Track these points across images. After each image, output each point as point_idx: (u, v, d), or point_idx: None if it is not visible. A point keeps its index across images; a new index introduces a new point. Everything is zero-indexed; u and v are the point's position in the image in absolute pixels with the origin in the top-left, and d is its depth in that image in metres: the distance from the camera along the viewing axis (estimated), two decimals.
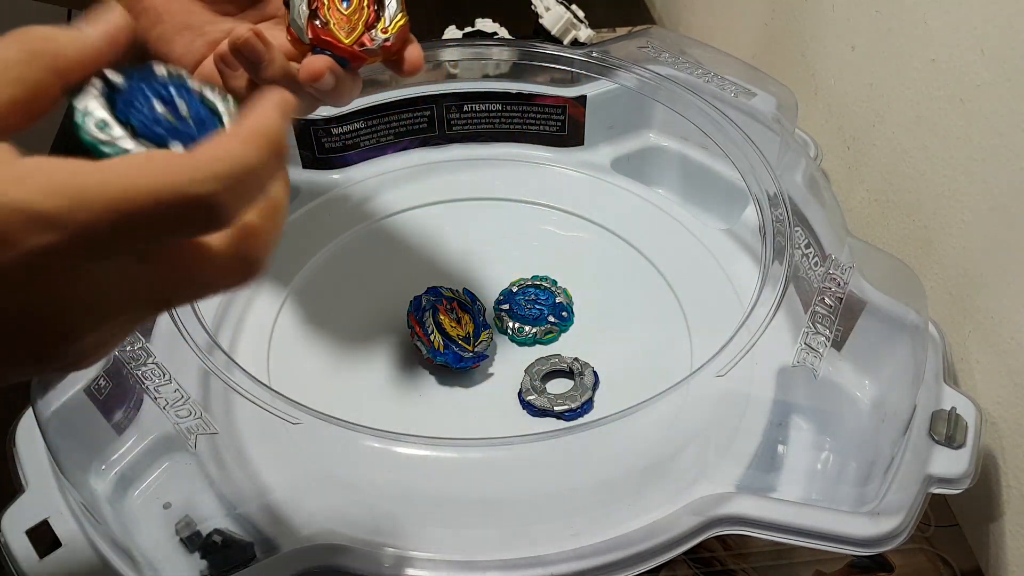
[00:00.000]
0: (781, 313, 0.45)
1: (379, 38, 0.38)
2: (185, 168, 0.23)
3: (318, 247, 0.61)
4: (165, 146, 0.26)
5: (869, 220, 0.61)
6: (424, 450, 0.41)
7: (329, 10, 0.38)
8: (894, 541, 0.42)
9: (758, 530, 0.42)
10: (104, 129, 0.25)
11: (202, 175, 0.23)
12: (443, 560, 0.41)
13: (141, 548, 0.40)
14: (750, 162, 0.54)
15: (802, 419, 0.47)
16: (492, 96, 0.67)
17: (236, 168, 0.23)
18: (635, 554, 0.41)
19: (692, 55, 0.63)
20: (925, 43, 0.53)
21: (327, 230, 0.62)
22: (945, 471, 0.44)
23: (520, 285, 0.58)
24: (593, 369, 0.52)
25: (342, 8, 0.38)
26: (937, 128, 0.52)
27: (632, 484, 0.43)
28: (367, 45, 0.38)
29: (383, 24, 0.39)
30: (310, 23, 0.38)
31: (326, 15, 0.38)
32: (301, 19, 0.38)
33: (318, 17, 0.39)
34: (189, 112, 0.27)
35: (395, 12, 0.39)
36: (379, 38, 0.38)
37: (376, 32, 0.38)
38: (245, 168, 0.24)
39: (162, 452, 0.43)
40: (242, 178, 0.24)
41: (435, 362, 0.52)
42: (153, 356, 0.43)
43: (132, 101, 0.26)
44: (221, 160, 0.23)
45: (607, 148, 0.68)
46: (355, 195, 0.65)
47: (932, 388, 0.47)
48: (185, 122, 0.27)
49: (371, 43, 0.38)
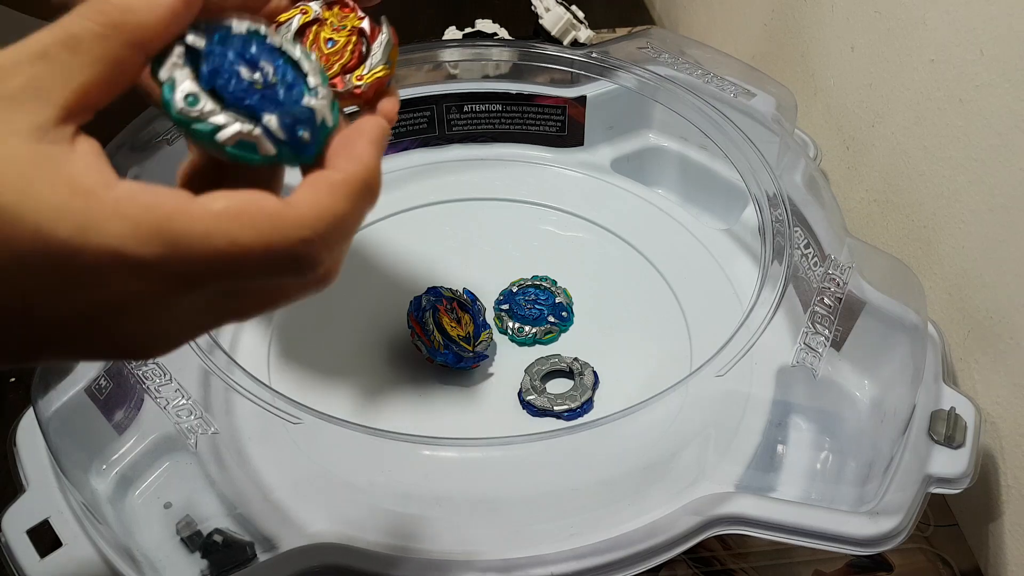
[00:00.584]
0: (781, 313, 0.45)
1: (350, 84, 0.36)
2: (282, 226, 0.23)
3: None
4: (257, 117, 0.25)
5: (869, 220, 0.61)
6: (424, 450, 0.41)
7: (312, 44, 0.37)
8: (893, 541, 0.42)
9: (758, 530, 0.42)
10: (194, 104, 0.25)
11: (298, 234, 0.23)
12: (443, 560, 0.41)
13: (141, 548, 0.40)
14: (750, 162, 0.54)
15: (802, 419, 0.47)
16: (492, 96, 0.67)
17: (331, 222, 0.24)
18: (635, 554, 0.41)
19: (692, 55, 0.63)
20: (925, 43, 0.53)
21: None
22: (944, 471, 0.44)
23: (520, 285, 0.58)
24: (593, 369, 0.52)
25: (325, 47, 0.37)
26: (937, 128, 0.52)
27: (632, 484, 0.43)
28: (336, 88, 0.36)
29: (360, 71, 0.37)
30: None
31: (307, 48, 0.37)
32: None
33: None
34: (276, 75, 0.26)
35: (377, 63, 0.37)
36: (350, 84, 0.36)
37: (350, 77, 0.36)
38: (339, 221, 0.24)
39: (162, 452, 0.43)
40: (336, 229, 0.24)
41: (435, 362, 0.52)
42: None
43: (218, 68, 0.26)
44: (318, 216, 0.23)
45: (607, 148, 0.68)
46: None
47: (931, 388, 0.47)
48: (273, 89, 0.26)
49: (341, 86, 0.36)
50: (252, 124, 0.25)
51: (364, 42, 0.37)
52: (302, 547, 0.40)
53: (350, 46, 0.37)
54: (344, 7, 0.38)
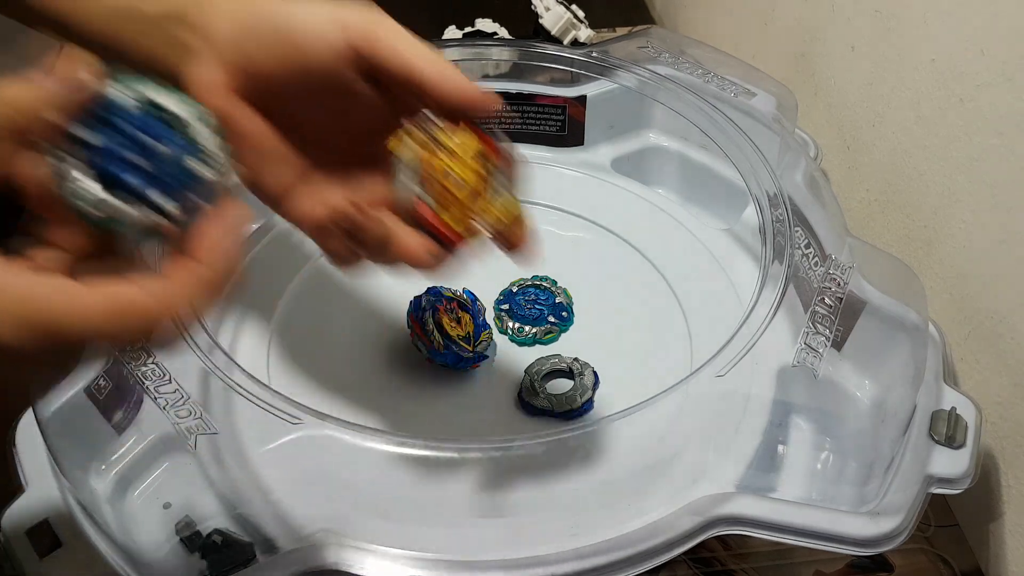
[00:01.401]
0: (781, 313, 0.45)
1: (487, 225, 0.34)
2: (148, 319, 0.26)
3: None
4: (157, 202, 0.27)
5: (869, 220, 0.61)
6: (424, 450, 0.41)
7: (441, 188, 0.34)
8: (894, 541, 0.42)
9: (758, 530, 0.42)
10: (101, 206, 0.26)
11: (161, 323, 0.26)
12: (443, 560, 0.41)
13: (141, 548, 0.40)
14: (750, 162, 0.54)
15: (802, 419, 0.47)
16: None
17: (184, 304, 0.27)
18: (635, 554, 0.41)
19: (692, 55, 0.63)
20: (925, 43, 0.53)
21: None
22: (945, 471, 0.44)
23: (520, 285, 0.58)
24: (593, 369, 0.52)
25: (454, 188, 0.34)
26: (937, 128, 0.52)
27: (632, 484, 0.43)
28: (475, 232, 0.34)
29: (497, 213, 0.34)
30: (418, 200, 0.35)
31: (435, 192, 0.34)
32: (408, 193, 0.35)
33: (426, 191, 0.34)
34: (166, 147, 0.27)
35: (510, 197, 0.35)
36: (487, 225, 0.34)
37: (486, 216, 0.34)
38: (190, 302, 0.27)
39: (162, 452, 0.43)
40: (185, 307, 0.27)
41: (435, 362, 0.52)
42: (153, 356, 0.43)
43: (112, 159, 0.26)
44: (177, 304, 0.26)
45: (607, 148, 0.68)
46: None
47: (932, 388, 0.47)
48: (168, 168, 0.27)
49: (480, 230, 0.34)
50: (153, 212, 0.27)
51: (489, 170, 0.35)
52: (302, 547, 0.40)
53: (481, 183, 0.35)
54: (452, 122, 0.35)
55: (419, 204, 0.35)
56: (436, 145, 0.35)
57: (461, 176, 0.34)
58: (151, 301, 0.26)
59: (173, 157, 0.27)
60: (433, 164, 0.34)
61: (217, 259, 0.27)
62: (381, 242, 0.35)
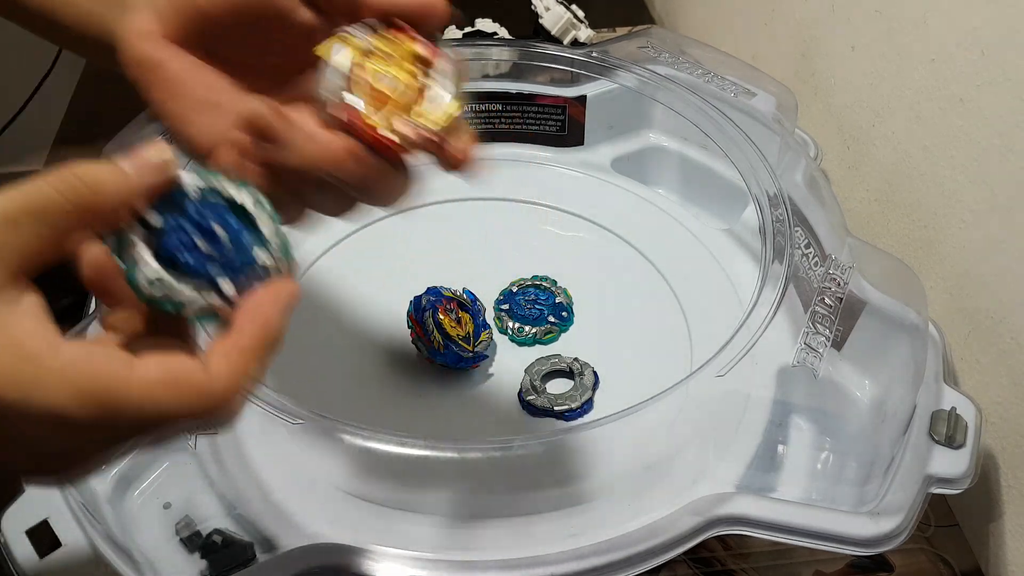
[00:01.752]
0: (781, 313, 0.45)
1: (423, 128, 0.31)
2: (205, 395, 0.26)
3: (318, 247, 0.60)
4: (215, 284, 0.27)
5: (869, 220, 0.61)
6: (424, 450, 0.41)
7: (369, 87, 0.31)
8: (894, 541, 0.42)
9: (758, 530, 0.42)
10: (157, 285, 0.27)
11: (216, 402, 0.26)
12: (443, 560, 0.41)
13: (141, 548, 0.40)
14: (750, 162, 0.54)
15: (802, 419, 0.47)
16: (492, 96, 0.67)
17: (243, 383, 0.26)
18: (635, 554, 0.41)
19: (692, 55, 0.63)
20: (925, 43, 0.53)
21: (327, 230, 0.62)
22: (945, 471, 0.44)
23: (520, 285, 0.58)
24: (593, 369, 0.52)
25: (382, 86, 0.31)
26: (937, 128, 0.52)
27: (632, 484, 0.43)
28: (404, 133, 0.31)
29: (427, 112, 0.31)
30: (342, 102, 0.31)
31: (362, 92, 0.31)
32: (332, 94, 0.31)
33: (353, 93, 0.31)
34: (229, 237, 0.28)
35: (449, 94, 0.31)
36: (423, 128, 0.31)
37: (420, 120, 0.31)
38: (249, 379, 0.27)
39: (162, 452, 0.43)
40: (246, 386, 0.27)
41: (435, 362, 0.52)
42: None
43: (174, 244, 0.27)
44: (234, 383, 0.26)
45: (607, 148, 0.68)
46: None
47: (932, 388, 0.47)
48: (227, 254, 0.28)
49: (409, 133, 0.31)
50: (211, 294, 0.27)
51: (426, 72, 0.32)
52: (302, 547, 0.40)
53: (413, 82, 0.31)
54: (395, 29, 0.32)
55: (343, 106, 0.31)
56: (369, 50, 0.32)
57: (393, 76, 0.31)
58: (205, 377, 0.26)
59: (233, 241, 0.28)
60: (363, 66, 0.32)
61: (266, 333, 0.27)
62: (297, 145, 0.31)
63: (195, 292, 0.27)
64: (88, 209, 0.26)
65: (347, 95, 0.31)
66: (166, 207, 0.28)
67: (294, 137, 0.31)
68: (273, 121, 0.31)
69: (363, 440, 0.41)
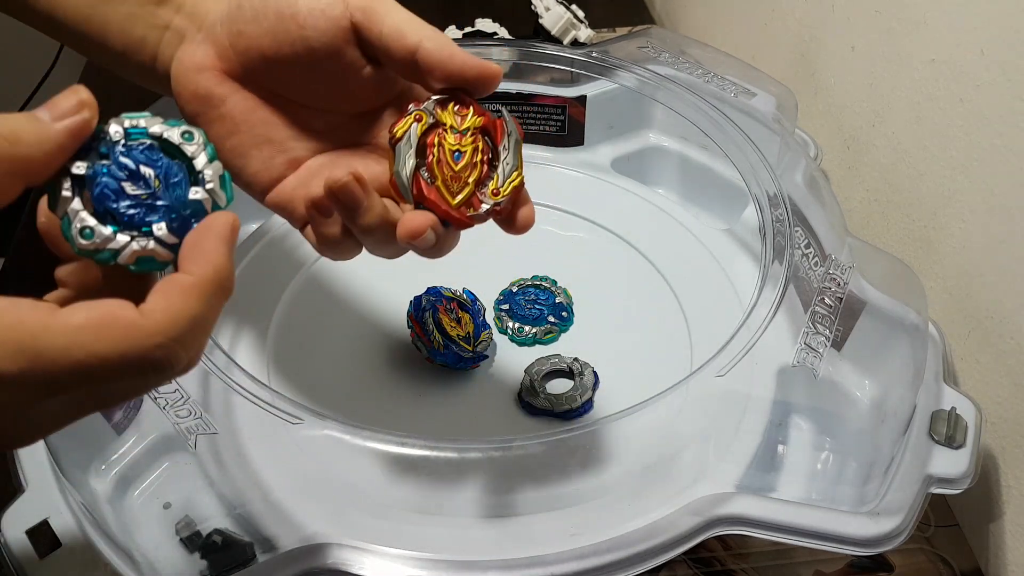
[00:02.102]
0: (781, 313, 0.45)
1: (489, 201, 0.34)
2: (137, 336, 0.24)
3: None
4: (149, 230, 0.27)
5: (869, 220, 0.61)
6: (424, 450, 0.41)
7: (438, 164, 0.34)
8: (894, 541, 0.42)
9: (758, 530, 0.42)
10: (90, 236, 0.26)
11: (152, 341, 0.24)
12: (443, 560, 0.41)
13: (141, 548, 0.40)
14: (750, 162, 0.54)
15: (802, 419, 0.47)
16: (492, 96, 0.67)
17: (185, 326, 0.25)
18: (635, 554, 0.41)
19: (692, 55, 0.63)
20: (925, 43, 0.53)
21: None
22: (945, 471, 0.44)
23: (520, 285, 0.58)
24: (593, 369, 0.52)
25: (452, 162, 0.34)
26: (937, 128, 0.52)
27: (632, 484, 0.43)
28: (475, 209, 0.34)
29: (495, 184, 0.34)
30: (416, 178, 0.34)
31: (435, 169, 0.34)
32: (406, 171, 0.34)
33: (425, 169, 0.34)
34: (158, 177, 0.27)
35: (510, 170, 0.34)
36: (489, 201, 0.34)
37: (487, 193, 0.34)
38: (192, 322, 0.25)
39: (162, 452, 0.43)
40: (190, 331, 0.25)
41: (435, 362, 0.52)
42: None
43: (103, 191, 0.27)
44: (172, 323, 0.24)
45: (607, 148, 0.68)
46: None
47: (932, 388, 0.47)
48: (157, 192, 0.27)
49: (479, 207, 0.34)
50: (146, 238, 0.26)
51: (490, 144, 0.35)
52: (302, 547, 0.40)
53: (479, 156, 0.34)
54: (460, 103, 0.35)
55: (417, 179, 0.34)
56: (437, 125, 0.34)
57: (462, 152, 0.34)
58: (136, 315, 0.24)
59: (162, 180, 0.27)
60: (432, 141, 0.34)
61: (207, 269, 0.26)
62: (381, 217, 0.33)
63: (128, 238, 0.26)
64: (8, 162, 0.25)
65: (424, 173, 0.34)
66: (92, 154, 0.27)
67: (374, 203, 0.33)
68: (355, 189, 0.32)
69: (363, 440, 0.41)
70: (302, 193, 0.36)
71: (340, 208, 0.33)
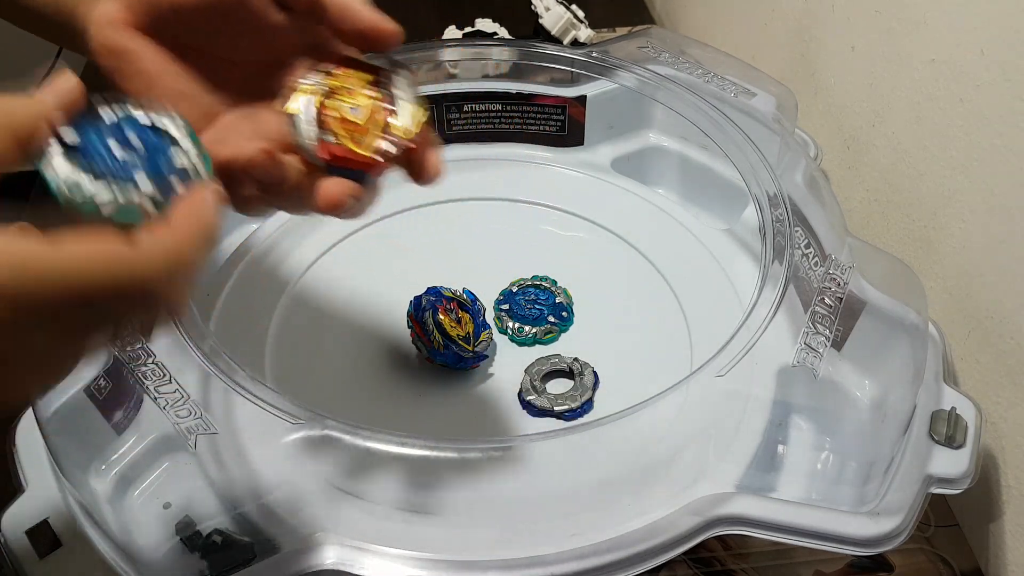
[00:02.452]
0: (781, 313, 0.45)
1: (401, 142, 0.34)
2: (130, 263, 0.26)
3: (318, 247, 0.61)
4: (133, 181, 0.28)
5: (869, 220, 0.61)
6: (424, 450, 0.41)
7: (339, 122, 0.34)
8: (894, 541, 0.42)
9: (758, 530, 0.42)
10: (76, 190, 0.27)
11: (143, 271, 0.26)
12: (443, 560, 0.41)
13: (141, 548, 0.40)
14: (750, 162, 0.54)
15: (802, 419, 0.47)
16: (492, 96, 0.67)
17: (173, 263, 0.26)
18: (635, 554, 0.41)
19: (692, 55, 0.63)
20: (925, 43, 0.53)
21: (327, 230, 0.62)
22: (945, 471, 0.44)
23: (520, 285, 0.58)
24: (593, 369, 0.52)
25: (351, 116, 0.34)
26: (937, 128, 0.52)
27: (632, 484, 0.43)
28: (386, 151, 0.34)
29: (402, 125, 0.34)
30: (321, 142, 0.34)
31: (335, 128, 0.34)
32: (309, 142, 0.34)
33: (327, 131, 0.34)
34: (143, 143, 0.29)
35: (413, 105, 0.35)
36: (401, 142, 0.34)
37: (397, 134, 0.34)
38: (180, 262, 0.27)
39: (162, 452, 0.43)
40: (178, 270, 0.27)
41: (435, 362, 0.52)
42: (153, 356, 0.43)
43: (91, 152, 0.28)
44: (163, 257, 0.26)
45: (607, 148, 0.68)
46: None
47: (932, 388, 0.47)
48: (142, 155, 0.29)
49: (391, 147, 0.34)
50: (129, 189, 0.28)
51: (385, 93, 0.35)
52: (302, 547, 0.40)
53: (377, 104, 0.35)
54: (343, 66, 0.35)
55: (323, 145, 0.34)
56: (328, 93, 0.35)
57: (357, 105, 0.35)
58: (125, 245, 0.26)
59: (148, 147, 0.29)
60: (328, 107, 0.35)
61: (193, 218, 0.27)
62: (296, 188, 0.34)
63: (110, 190, 0.28)
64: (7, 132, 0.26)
65: (323, 135, 0.34)
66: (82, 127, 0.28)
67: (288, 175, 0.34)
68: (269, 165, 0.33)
69: (363, 440, 0.41)
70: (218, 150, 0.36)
71: (255, 183, 0.34)
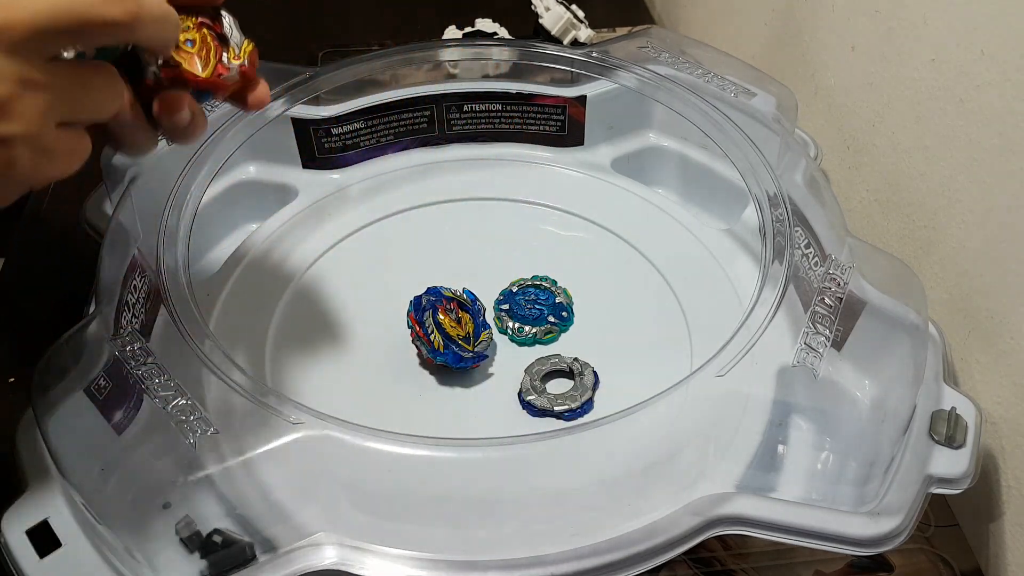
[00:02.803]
0: (781, 313, 0.45)
1: (234, 64, 0.40)
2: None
3: (318, 247, 0.61)
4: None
5: (869, 220, 0.61)
6: (424, 450, 0.41)
7: (177, 51, 0.38)
8: (894, 541, 0.42)
9: (758, 530, 0.42)
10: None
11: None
12: (443, 560, 0.41)
13: (141, 548, 0.40)
14: (750, 162, 0.54)
15: (802, 419, 0.47)
16: (492, 96, 0.67)
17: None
18: (635, 554, 0.41)
19: (692, 55, 0.63)
20: (925, 43, 0.53)
21: (327, 230, 0.62)
22: (945, 471, 0.44)
23: (520, 285, 0.58)
24: (593, 369, 0.52)
25: (188, 48, 0.39)
26: (937, 128, 0.52)
27: (632, 484, 0.43)
28: (224, 73, 0.39)
29: (233, 53, 0.40)
30: (163, 71, 0.38)
31: (175, 58, 0.38)
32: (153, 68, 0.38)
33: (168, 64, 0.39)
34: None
35: (240, 40, 0.40)
36: (234, 64, 0.40)
37: (229, 60, 0.40)
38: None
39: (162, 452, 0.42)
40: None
41: (435, 362, 0.52)
42: (153, 356, 0.43)
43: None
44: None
45: (607, 148, 0.68)
46: (355, 195, 0.65)
47: (932, 388, 0.47)
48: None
49: (227, 71, 0.40)
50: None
51: (212, 32, 0.40)
52: (302, 547, 0.40)
53: (207, 36, 0.39)
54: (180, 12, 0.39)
55: (165, 72, 0.38)
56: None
57: (190, 39, 0.39)
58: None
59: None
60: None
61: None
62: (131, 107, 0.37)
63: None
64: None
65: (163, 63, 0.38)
66: None
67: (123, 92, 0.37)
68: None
69: (363, 440, 0.41)
70: None
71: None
